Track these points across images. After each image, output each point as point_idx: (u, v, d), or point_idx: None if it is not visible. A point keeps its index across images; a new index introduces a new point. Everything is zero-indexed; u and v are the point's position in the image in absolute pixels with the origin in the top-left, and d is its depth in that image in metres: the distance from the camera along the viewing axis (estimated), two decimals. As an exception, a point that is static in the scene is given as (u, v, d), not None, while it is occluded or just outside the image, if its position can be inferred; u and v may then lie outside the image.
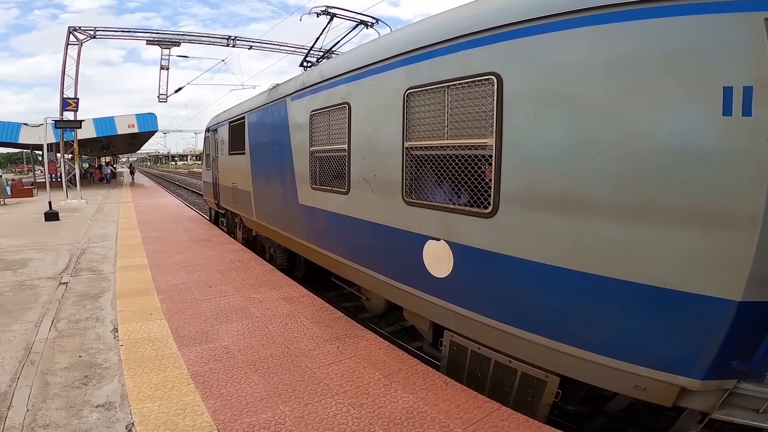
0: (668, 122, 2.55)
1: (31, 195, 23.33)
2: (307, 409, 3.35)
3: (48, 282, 6.78)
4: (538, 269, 3.18)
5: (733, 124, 2.34)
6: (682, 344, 2.63)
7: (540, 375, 3.42)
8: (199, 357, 4.21)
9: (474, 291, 3.74)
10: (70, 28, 23.25)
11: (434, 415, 3.29)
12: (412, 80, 4.17)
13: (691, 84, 2.48)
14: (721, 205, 2.41)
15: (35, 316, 5.26)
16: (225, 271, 7.50)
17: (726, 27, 2.35)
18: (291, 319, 5.28)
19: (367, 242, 5.10)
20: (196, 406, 3.36)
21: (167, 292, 6.28)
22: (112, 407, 3.35)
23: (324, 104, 5.82)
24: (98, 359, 4.15)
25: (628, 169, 2.71)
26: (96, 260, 8.35)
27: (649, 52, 2.62)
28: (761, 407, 2.65)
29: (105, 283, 6.72)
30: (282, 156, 7.24)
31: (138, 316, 5.26)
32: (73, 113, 22.45)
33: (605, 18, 2.75)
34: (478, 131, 3.55)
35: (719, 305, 2.44)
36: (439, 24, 4.03)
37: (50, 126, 19.25)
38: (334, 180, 5.72)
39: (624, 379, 2.86)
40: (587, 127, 2.90)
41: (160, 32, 25.62)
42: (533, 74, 3.19)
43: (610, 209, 2.80)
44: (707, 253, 2.47)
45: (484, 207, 3.54)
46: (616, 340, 2.87)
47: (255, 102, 9.00)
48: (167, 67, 27.28)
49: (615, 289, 2.80)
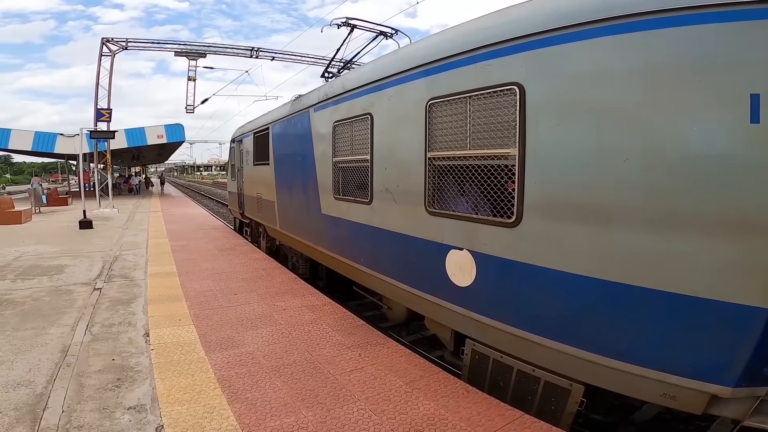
0: (694, 131, 2.54)
1: (66, 204, 24.21)
2: (329, 415, 3.39)
3: (83, 287, 7.05)
4: (562, 278, 3.17)
5: (760, 132, 2.32)
6: (712, 352, 2.60)
7: (564, 384, 3.39)
8: (225, 362, 4.31)
9: (497, 300, 3.74)
10: (103, 39, 24.15)
11: (455, 422, 3.29)
12: (433, 91, 4.23)
13: (717, 92, 2.47)
14: (749, 213, 2.38)
15: (71, 320, 5.48)
16: (249, 279, 7.66)
17: (750, 34, 2.34)
18: (314, 326, 5.36)
19: (390, 252, 5.15)
20: (222, 409, 3.45)
21: (195, 298, 6.45)
22: (143, 410, 3.46)
23: (346, 115, 5.92)
24: (130, 362, 4.30)
25: (655, 179, 2.70)
26: (128, 267, 8.63)
27: (674, 60, 2.61)
28: None
29: (137, 289, 6.95)
30: (305, 166, 7.37)
31: (168, 322, 5.42)
32: (107, 124, 23.28)
33: (627, 27, 2.76)
34: (500, 141, 3.57)
35: (750, 313, 2.42)
36: (458, 35, 4.09)
37: (85, 136, 19.99)
38: (357, 190, 5.79)
39: (653, 387, 2.83)
40: (611, 137, 2.89)
41: (187, 44, 26.46)
42: (555, 84, 3.20)
43: (636, 218, 2.78)
44: (736, 261, 2.45)
45: (508, 217, 3.54)
46: (643, 348, 2.85)
47: (279, 113, 9.20)
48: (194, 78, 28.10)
49: (642, 297, 2.78)
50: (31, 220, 16.95)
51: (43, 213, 19.93)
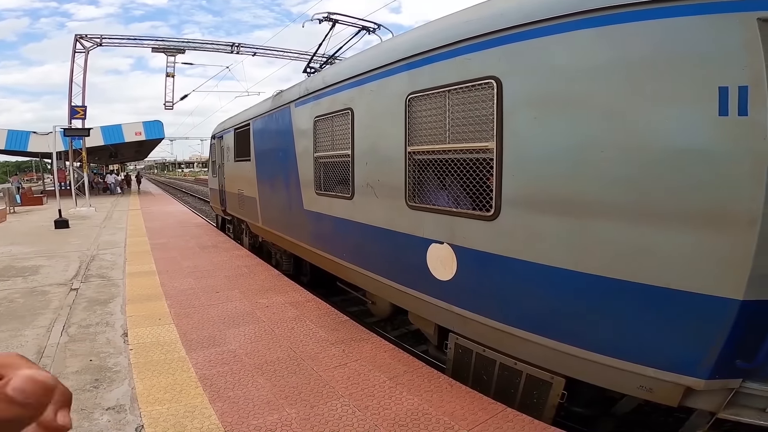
0: (667, 123, 2.57)
1: (41, 203, 23.60)
2: (313, 412, 3.38)
3: (59, 288, 6.88)
4: (540, 271, 3.20)
5: (729, 125, 2.35)
6: (686, 344, 2.63)
7: (545, 377, 3.42)
8: (206, 361, 4.26)
9: (478, 293, 3.76)
10: (76, 35, 23.53)
11: (439, 417, 3.31)
12: (413, 85, 4.22)
13: (688, 84, 2.49)
14: (721, 204, 2.42)
15: (47, 321, 5.34)
16: (232, 277, 7.57)
17: (720, 27, 2.37)
18: (297, 323, 5.33)
19: (372, 246, 5.14)
20: (204, 408, 3.41)
21: (175, 297, 6.35)
22: (123, 410, 3.41)
23: (327, 110, 5.88)
24: (108, 363, 4.22)
25: (629, 171, 2.72)
26: (105, 267, 8.45)
27: (646, 53, 2.64)
28: (767, 406, 2.63)
29: (114, 289, 6.81)
30: (287, 162, 7.31)
31: (147, 321, 5.33)
32: (81, 121, 22.70)
33: (602, 20, 2.77)
34: (479, 135, 3.58)
35: (721, 304, 2.45)
36: (439, 29, 4.08)
37: (59, 134, 19.47)
38: (339, 185, 5.77)
39: (629, 379, 2.86)
40: (587, 129, 2.92)
41: (164, 39, 25.90)
42: (532, 77, 3.22)
43: (611, 210, 2.81)
44: (708, 252, 2.48)
45: (486, 210, 3.56)
46: (620, 341, 2.87)
47: (259, 109, 9.09)
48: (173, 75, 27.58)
49: (618, 289, 2.81)
50: (5, 220, 16.47)
51: (17, 213, 19.39)
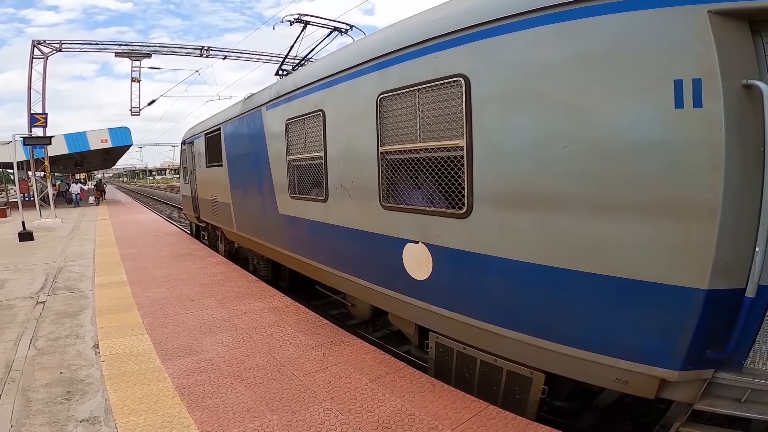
0: (626, 117, 2.63)
1: (5, 215, 22.62)
2: (295, 417, 3.35)
3: (24, 302, 6.62)
4: (513, 267, 3.24)
5: (685, 116, 2.42)
6: (657, 335, 2.66)
7: (525, 372, 3.44)
8: (183, 370, 4.17)
9: (454, 291, 3.78)
10: (34, 41, 22.83)
11: (423, 417, 3.32)
12: (384, 85, 4.23)
13: (644, 78, 2.55)
14: (681, 195, 2.48)
15: (13, 335, 5.15)
16: (207, 285, 7.43)
17: (673, 20, 2.44)
18: (276, 328, 5.26)
19: (348, 249, 5.13)
20: (182, 418, 3.34)
21: (148, 307, 6.19)
22: (97, 422, 3.31)
23: (299, 112, 5.84)
24: (80, 375, 4.09)
25: (591, 164, 2.78)
26: (73, 278, 8.17)
27: (604, 48, 2.70)
28: (742, 396, 2.66)
29: (84, 301, 6.59)
30: (260, 166, 7.22)
31: (119, 332, 5.18)
32: (42, 129, 21.95)
33: (560, 16, 2.83)
34: (449, 133, 3.61)
35: (687, 294, 2.49)
36: (408, 28, 4.10)
37: (20, 143, 18.75)
38: (313, 188, 5.74)
39: (605, 372, 2.89)
40: (551, 125, 2.97)
41: (129, 44, 25.29)
42: (497, 74, 3.26)
43: (577, 204, 2.86)
44: (672, 243, 2.53)
45: (459, 208, 3.59)
46: (593, 334, 2.91)
47: (230, 113, 8.95)
48: (138, 80, 26.95)
49: (587, 282, 2.85)
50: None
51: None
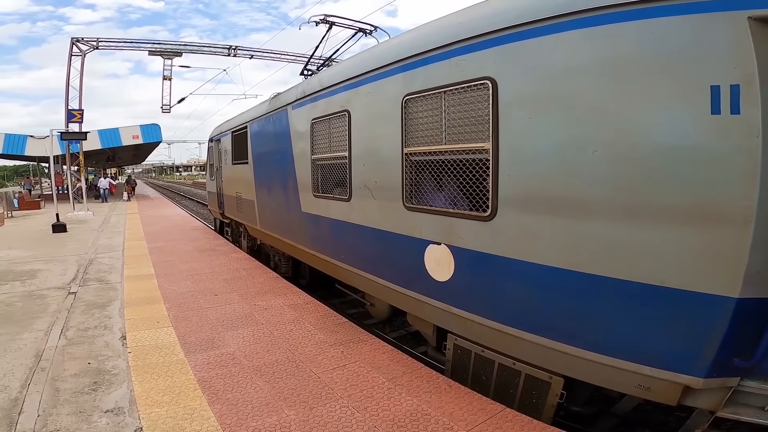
0: (659, 122, 2.58)
1: (39, 207, 23.53)
2: (312, 413, 3.38)
3: (57, 292, 6.87)
4: (536, 270, 3.21)
5: (722, 123, 2.36)
6: (683, 342, 2.62)
7: (543, 376, 3.42)
8: (205, 363, 4.26)
9: (475, 294, 3.76)
10: (73, 39, 23.55)
11: (438, 418, 3.31)
12: (409, 87, 4.23)
13: (680, 83, 2.50)
14: (715, 202, 2.42)
15: (45, 325, 5.34)
16: (230, 280, 7.57)
17: (711, 26, 2.38)
18: (296, 325, 5.33)
19: (370, 248, 5.15)
20: (202, 410, 3.41)
21: (174, 300, 6.35)
22: (121, 412, 3.41)
23: (324, 112, 5.89)
24: (107, 366, 4.22)
25: (622, 170, 2.73)
26: (103, 270, 8.44)
27: (638, 53, 2.65)
28: (767, 405, 2.60)
29: (113, 293, 6.80)
30: (284, 164, 7.31)
31: (145, 324, 5.33)
32: (78, 125, 22.70)
33: (593, 21, 2.79)
34: (475, 136, 3.59)
35: (717, 302, 2.44)
36: (433, 31, 4.09)
37: (56, 138, 19.44)
38: (336, 187, 5.78)
39: (627, 378, 2.85)
40: (580, 129, 2.93)
41: (161, 43, 25.93)
42: (526, 78, 3.23)
43: (606, 209, 2.82)
44: (704, 250, 2.48)
45: (483, 210, 3.57)
46: (617, 339, 2.87)
47: (257, 111, 9.10)
48: (170, 78, 27.62)
49: (614, 288, 2.81)
50: (3, 224, 16.44)
51: (15, 217, 19.34)
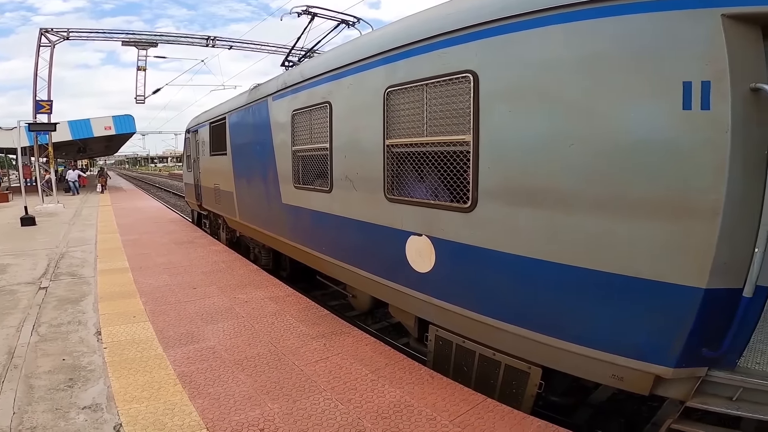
0: (633, 117, 2.64)
1: (7, 200, 22.66)
2: (296, 406, 3.38)
3: (27, 287, 6.65)
4: (516, 262, 3.26)
5: (692, 118, 2.44)
6: (654, 332, 2.69)
7: (523, 366, 3.49)
8: (185, 357, 4.20)
9: (456, 285, 3.81)
10: (41, 29, 22.63)
11: (421, 408, 3.35)
12: (391, 79, 4.23)
13: (654, 79, 2.57)
14: (684, 195, 2.50)
15: (15, 321, 5.18)
16: (209, 273, 7.46)
17: (685, 23, 2.44)
18: (277, 318, 5.30)
19: (351, 239, 5.15)
20: (184, 405, 3.37)
21: (150, 294, 6.22)
22: (99, 408, 3.34)
23: (305, 104, 5.84)
24: (82, 362, 4.12)
25: (598, 163, 2.79)
26: (76, 264, 8.21)
27: (614, 49, 2.70)
28: (734, 395, 2.70)
29: (86, 287, 6.63)
30: (264, 156, 7.22)
31: (121, 319, 5.21)
32: (47, 116, 21.91)
33: (572, 16, 2.83)
34: (456, 128, 3.62)
35: (685, 293, 2.52)
36: (416, 23, 4.09)
37: (24, 129, 18.75)
38: (317, 179, 5.74)
39: (602, 368, 2.92)
40: (558, 123, 2.98)
41: (136, 33, 25.11)
42: (507, 71, 3.26)
43: (582, 202, 2.88)
44: (674, 242, 2.55)
45: (464, 202, 3.61)
46: (592, 330, 2.94)
47: (236, 102, 8.95)
48: (144, 69, 26.81)
49: (589, 279, 2.87)
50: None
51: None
